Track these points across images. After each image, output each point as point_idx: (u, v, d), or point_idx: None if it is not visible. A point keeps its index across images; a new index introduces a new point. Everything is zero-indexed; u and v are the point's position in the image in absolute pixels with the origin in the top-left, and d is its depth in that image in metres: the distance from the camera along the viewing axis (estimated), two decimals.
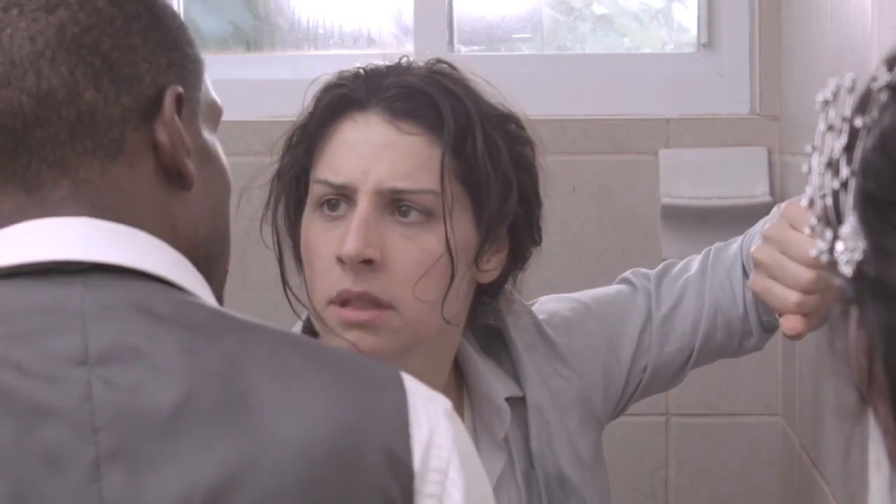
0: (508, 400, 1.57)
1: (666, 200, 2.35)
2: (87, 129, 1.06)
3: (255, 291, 1.67)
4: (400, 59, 1.57)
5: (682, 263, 1.70)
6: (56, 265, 1.03)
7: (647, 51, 2.59)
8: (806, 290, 1.41)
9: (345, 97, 1.50)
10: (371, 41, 2.54)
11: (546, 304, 1.67)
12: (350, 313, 1.46)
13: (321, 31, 2.53)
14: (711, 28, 2.44)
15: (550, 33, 2.57)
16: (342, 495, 1.00)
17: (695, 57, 2.47)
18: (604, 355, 1.63)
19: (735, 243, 1.68)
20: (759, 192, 2.33)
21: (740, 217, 2.28)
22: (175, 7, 2.57)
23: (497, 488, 1.54)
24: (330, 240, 1.47)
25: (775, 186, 2.34)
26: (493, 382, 1.57)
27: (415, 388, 1.05)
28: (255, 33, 2.61)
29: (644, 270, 1.70)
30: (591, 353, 1.63)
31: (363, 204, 1.46)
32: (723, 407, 2.39)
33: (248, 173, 1.59)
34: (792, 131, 2.21)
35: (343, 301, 1.46)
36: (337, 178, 1.48)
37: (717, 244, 1.70)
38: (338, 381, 1.04)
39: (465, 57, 2.49)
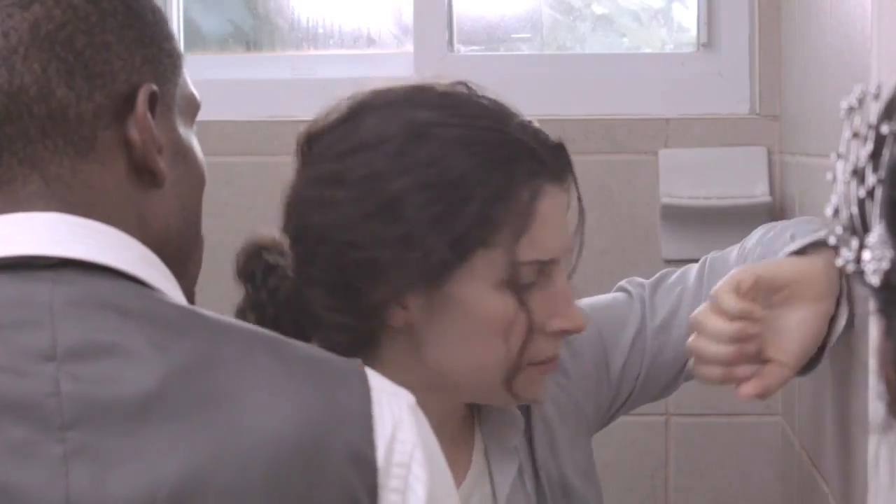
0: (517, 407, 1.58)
1: (666, 200, 2.35)
2: (59, 127, 1.06)
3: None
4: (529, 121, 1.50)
5: (678, 273, 1.70)
6: (24, 260, 1.03)
7: (647, 51, 2.59)
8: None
9: (529, 172, 1.43)
10: (371, 41, 2.54)
11: None
12: (545, 368, 1.49)
13: (321, 31, 2.53)
14: (711, 28, 2.44)
15: (550, 33, 2.57)
16: (307, 493, 1.01)
17: (695, 57, 2.47)
18: (597, 364, 1.64)
19: (732, 253, 1.68)
20: (759, 191, 2.33)
21: (740, 217, 2.29)
22: (174, 7, 2.58)
23: (510, 496, 1.55)
24: (523, 312, 1.44)
25: (775, 186, 2.34)
26: None
27: (379, 384, 1.06)
28: (255, 33, 2.61)
29: (640, 280, 1.70)
30: (584, 363, 1.63)
31: (564, 276, 1.47)
32: (723, 407, 2.39)
33: (247, 172, 1.59)
34: (792, 131, 2.21)
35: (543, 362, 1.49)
36: (546, 255, 1.45)
37: (714, 254, 1.70)
38: (304, 379, 1.04)
39: (465, 57, 2.49)
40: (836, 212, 0.76)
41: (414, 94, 1.47)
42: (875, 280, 0.73)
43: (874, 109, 0.76)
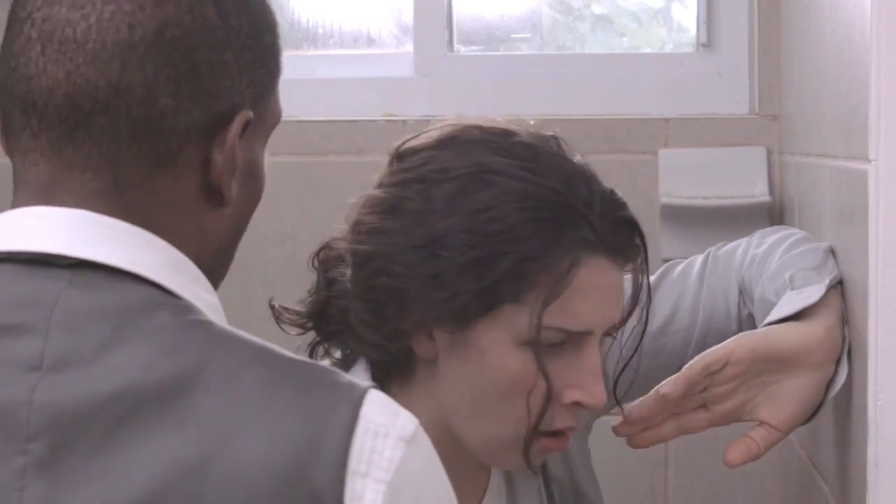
0: None
1: (665, 200, 2.35)
2: (149, 135, 1.05)
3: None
4: (575, 159, 1.49)
5: (680, 269, 1.69)
6: (44, 257, 1.02)
7: (647, 51, 2.59)
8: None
9: (576, 240, 1.40)
10: (371, 41, 2.54)
11: None
12: (560, 443, 1.47)
13: (321, 31, 2.53)
14: (711, 28, 2.44)
15: (550, 33, 2.57)
16: None
17: (694, 57, 2.47)
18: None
19: (737, 253, 1.67)
20: (759, 191, 2.33)
21: (740, 217, 2.29)
22: None
23: None
24: (541, 375, 1.41)
25: (774, 186, 2.34)
26: None
27: (372, 414, 1.02)
28: None
29: None
30: None
31: (596, 350, 1.43)
32: None
33: None
34: (791, 131, 2.21)
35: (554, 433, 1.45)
36: (577, 326, 1.41)
37: (717, 250, 1.69)
38: (288, 406, 1.00)
39: (465, 57, 2.49)
40: None
41: (497, 137, 1.44)
42: None
43: None
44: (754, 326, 1.65)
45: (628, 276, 1.48)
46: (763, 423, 1.51)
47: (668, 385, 1.49)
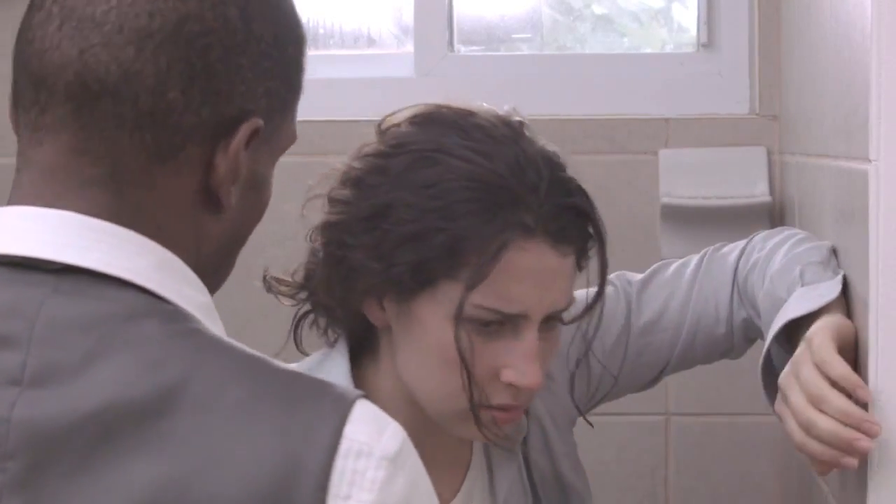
0: None
1: (665, 200, 2.35)
2: (154, 126, 1.03)
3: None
4: (519, 127, 1.49)
5: (674, 268, 1.70)
6: (28, 261, 1.01)
7: (647, 51, 2.59)
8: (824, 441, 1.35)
9: (511, 224, 1.43)
10: (371, 41, 2.54)
11: None
12: (509, 416, 1.49)
13: (321, 31, 2.53)
14: (711, 28, 2.44)
15: (550, 33, 2.57)
16: None
17: (694, 57, 2.47)
18: (579, 362, 1.65)
19: (732, 254, 1.68)
20: (759, 191, 2.33)
21: (740, 217, 2.29)
22: None
23: (508, 496, 1.57)
24: (486, 354, 1.46)
25: (775, 186, 2.34)
26: None
27: (355, 433, 1.00)
28: None
29: (630, 276, 1.71)
30: (569, 362, 1.64)
31: (533, 333, 1.46)
32: (723, 407, 2.39)
33: None
34: (791, 131, 2.21)
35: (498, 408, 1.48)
36: (510, 308, 1.44)
37: (714, 251, 1.70)
38: (269, 429, 0.98)
39: (466, 57, 2.49)
40: None
41: (458, 118, 1.48)
42: None
43: None
44: (747, 330, 1.66)
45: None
46: None
47: (865, 390, 1.34)
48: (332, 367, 1.54)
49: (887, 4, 1.33)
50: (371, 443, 1.00)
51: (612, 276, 1.71)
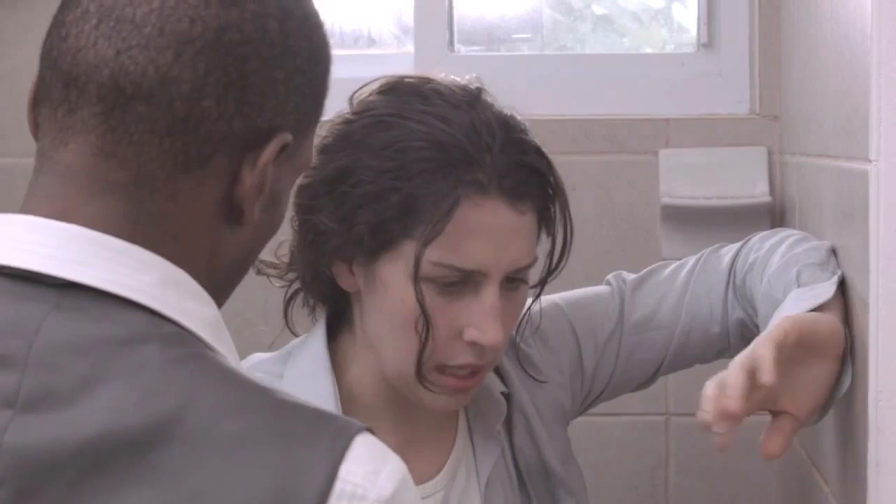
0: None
1: (666, 200, 2.35)
2: (184, 134, 1.02)
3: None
4: (475, 91, 1.52)
5: (672, 268, 1.71)
6: (31, 275, 0.99)
7: (647, 51, 2.59)
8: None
9: (465, 181, 1.46)
10: (371, 41, 2.54)
11: None
12: (464, 383, 1.51)
13: None
14: (711, 28, 2.44)
15: (550, 33, 2.57)
16: None
17: (695, 57, 2.47)
18: (571, 358, 1.67)
19: (728, 255, 1.68)
20: (759, 192, 2.33)
21: (740, 217, 2.29)
22: None
23: (492, 475, 1.59)
24: (449, 314, 1.48)
25: (775, 186, 2.34)
26: (491, 376, 1.61)
27: (350, 473, 0.98)
28: None
29: (626, 275, 1.72)
30: (559, 357, 1.66)
31: (493, 290, 1.48)
32: None
33: None
34: (792, 131, 2.21)
35: (457, 370, 1.50)
36: (466, 264, 1.47)
37: (711, 252, 1.71)
38: (263, 467, 0.96)
39: (466, 57, 2.49)
40: None
41: (421, 84, 1.52)
42: None
43: None
44: (742, 330, 1.66)
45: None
46: (784, 412, 1.46)
47: (766, 374, 1.37)
48: (312, 343, 1.57)
49: (887, 4, 1.33)
50: (366, 485, 0.98)
51: (610, 275, 1.72)
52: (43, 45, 1.06)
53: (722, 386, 1.39)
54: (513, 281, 1.50)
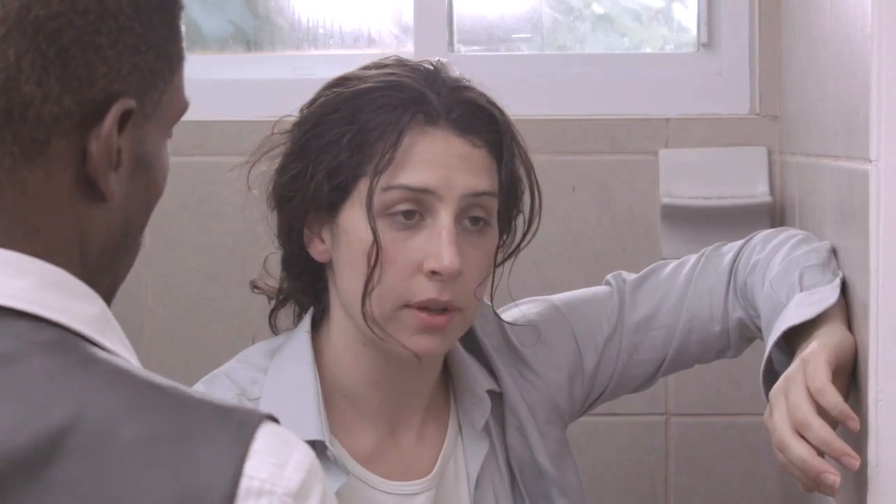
0: (488, 393, 1.62)
1: (666, 200, 2.35)
2: (11, 124, 0.96)
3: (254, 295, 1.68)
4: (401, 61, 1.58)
5: (672, 267, 1.71)
6: None
7: (647, 51, 2.59)
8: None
9: (412, 112, 1.51)
10: (371, 41, 2.54)
11: (516, 307, 1.69)
12: (433, 319, 1.50)
13: (321, 31, 2.53)
14: (711, 28, 2.44)
15: (550, 33, 2.57)
16: None
17: (695, 57, 2.47)
18: (570, 359, 1.67)
19: (729, 254, 1.68)
20: (759, 192, 2.33)
21: (740, 217, 2.29)
22: None
23: (482, 473, 1.59)
24: (409, 249, 1.49)
25: (775, 186, 2.34)
26: (476, 374, 1.62)
27: (255, 469, 0.95)
28: (256, 33, 2.61)
29: (626, 275, 1.72)
30: (556, 358, 1.66)
31: (448, 214, 1.49)
32: (723, 407, 2.39)
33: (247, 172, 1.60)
34: (792, 131, 2.21)
35: (424, 307, 1.50)
36: (414, 182, 1.49)
37: (711, 251, 1.71)
38: (164, 472, 0.92)
39: (466, 57, 2.49)
40: None
41: (386, 59, 1.59)
42: None
43: None
44: (742, 330, 1.66)
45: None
46: None
47: (855, 422, 1.34)
48: (296, 336, 1.58)
49: (887, 4, 1.33)
50: (273, 479, 0.95)
51: (609, 275, 1.73)
52: None
53: (820, 441, 1.34)
54: (476, 220, 1.51)
